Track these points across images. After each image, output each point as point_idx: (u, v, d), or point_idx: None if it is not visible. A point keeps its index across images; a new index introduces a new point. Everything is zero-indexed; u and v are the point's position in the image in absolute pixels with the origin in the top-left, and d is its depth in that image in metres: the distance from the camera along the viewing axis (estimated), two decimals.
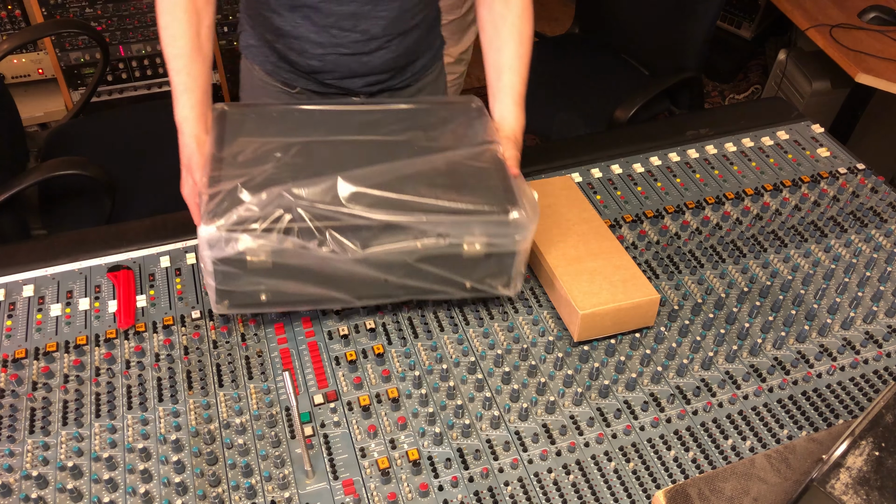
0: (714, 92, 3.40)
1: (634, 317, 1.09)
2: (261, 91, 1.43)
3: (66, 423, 0.99)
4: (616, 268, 1.12)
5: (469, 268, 1.04)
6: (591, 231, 1.18)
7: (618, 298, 1.07)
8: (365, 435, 0.99)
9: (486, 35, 1.23)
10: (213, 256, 0.95)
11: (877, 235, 1.29)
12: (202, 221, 0.95)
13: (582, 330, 1.07)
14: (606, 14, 2.56)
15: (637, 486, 0.94)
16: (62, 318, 1.13)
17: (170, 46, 1.08)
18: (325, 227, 0.96)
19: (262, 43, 1.37)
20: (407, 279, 1.03)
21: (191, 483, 0.93)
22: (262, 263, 0.96)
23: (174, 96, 1.07)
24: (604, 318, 1.07)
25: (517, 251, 1.05)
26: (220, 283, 0.97)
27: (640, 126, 2.05)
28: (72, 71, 2.66)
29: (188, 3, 1.09)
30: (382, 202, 0.98)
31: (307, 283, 1.00)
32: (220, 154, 1.04)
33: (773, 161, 1.45)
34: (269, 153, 1.04)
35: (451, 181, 1.04)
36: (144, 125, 2.13)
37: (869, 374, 1.07)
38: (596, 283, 1.09)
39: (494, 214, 1.01)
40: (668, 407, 1.03)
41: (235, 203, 0.95)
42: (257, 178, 0.99)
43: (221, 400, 1.02)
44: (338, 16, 1.23)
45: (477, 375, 1.05)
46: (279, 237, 0.95)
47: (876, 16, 2.32)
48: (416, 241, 0.99)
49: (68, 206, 1.83)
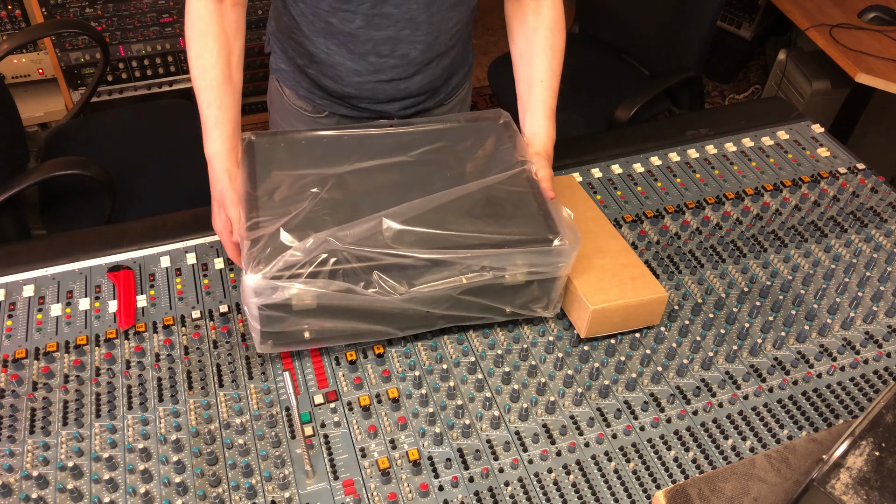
0: (714, 92, 3.40)
1: (642, 314, 1.09)
2: (291, 116, 1.41)
3: (66, 423, 0.99)
4: (624, 265, 1.12)
5: (511, 295, 1.04)
6: (598, 229, 1.18)
7: (627, 295, 1.07)
8: (365, 435, 0.99)
9: (518, 48, 1.22)
10: (259, 303, 0.94)
11: (877, 235, 1.29)
12: (246, 269, 0.93)
13: (591, 325, 1.07)
14: (606, 14, 2.56)
15: (637, 486, 0.94)
16: (62, 318, 1.13)
17: (200, 78, 1.04)
18: (370, 268, 0.96)
19: (293, 68, 1.34)
20: (450, 310, 1.03)
21: (191, 483, 0.93)
22: (307, 305, 0.95)
23: (204, 129, 1.04)
24: (612, 314, 1.07)
25: (559, 276, 1.05)
26: (264, 325, 0.96)
27: (640, 126, 2.05)
28: (72, 71, 2.65)
29: (219, 32, 1.05)
30: (425, 239, 0.98)
31: (351, 321, 1.00)
32: (255, 192, 1.02)
33: (773, 161, 1.45)
34: (304, 188, 1.03)
35: (491, 211, 1.04)
36: (144, 125, 2.13)
37: (869, 374, 1.07)
38: (605, 280, 1.09)
39: (538, 244, 1.01)
40: (668, 407, 1.03)
41: (279, 249, 0.94)
42: (297, 218, 0.98)
43: (222, 400, 1.02)
44: (375, 41, 1.21)
45: (477, 375, 1.05)
46: (325, 281, 0.94)
47: (876, 16, 2.32)
48: (460, 275, 0.99)
49: (68, 206, 1.83)
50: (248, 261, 0.94)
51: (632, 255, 1.14)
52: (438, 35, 1.24)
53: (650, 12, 2.36)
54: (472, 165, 1.12)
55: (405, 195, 1.02)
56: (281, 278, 0.92)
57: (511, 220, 1.03)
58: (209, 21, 1.05)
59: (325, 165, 1.08)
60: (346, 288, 0.94)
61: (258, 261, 0.93)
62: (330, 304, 0.96)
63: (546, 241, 1.01)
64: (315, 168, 1.07)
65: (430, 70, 1.30)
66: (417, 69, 1.28)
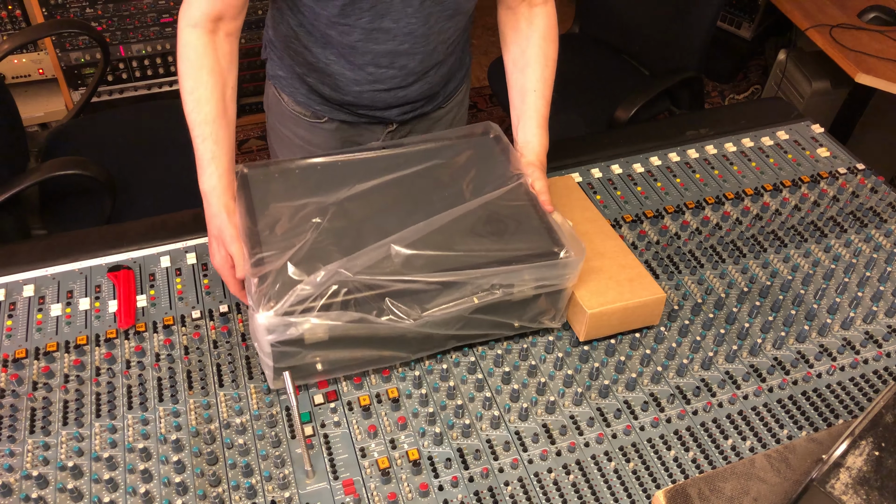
0: (714, 92, 3.40)
1: (641, 316, 1.10)
2: (290, 121, 1.41)
3: (66, 423, 0.99)
4: (622, 267, 1.12)
5: (520, 309, 1.05)
6: (595, 230, 1.18)
7: (624, 297, 1.07)
8: (365, 435, 0.99)
9: (511, 55, 1.22)
10: (271, 340, 0.93)
11: (877, 235, 1.29)
12: (257, 307, 0.92)
13: (589, 329, 1.07)
14: (606, 14, 2.56)
15: (637, 486, 0.94)
16: (62, 318, 1.13)
17: (194, 112, 1.02)
18: (381, 296, 0.96)
19: (291, 75, 1.34)
20: (461, 330, 1.03)
21: (191, 483, 0.93)
22: (320, 338, 0.95)
23: (199, 164, 1.03)
24: (611, 317, 1.07)
25: (565, 287, 1.05)
26: (277, 361, 0.96)
27: (640, 126, 2.05)
28: (72, 71, 2.66)
29: (214, 65, 1.03)
30: (434, 262, 0.98)
31: (363, 349, 1.00)
32: (256, 227, 1.02)
33: (773, 161, 1.45)
34: (305, 219, 1.03)
35: (494, 228, 1.05)
36: (144, 125, 2.13)
37: (869, 374, 1.07)
38: (602, 283, 1.09)
39: (544, 258, 1.01)
40: (668, 407, 1.03)
41: (288, 284, 0.94)
42: (302, 250, 0.98)
43: (222, 400, 1.02)
44: (374, 54, 1.21)
45: (477, 375, 1.06)
46: (338, 313, 0.93)
47: (876, 16, 2.32)
48: (471, 295, 0.99)
49: (68, 206, 1.83)
50: (259, 298, 0.93)
51: (629, 256, 1.14)
52: (437, 45, 1.24)
53: (650, 12, 2.36)
54: (469, 182, 1.12)
55: (406, 217, 1.03)
56: (293, 313, 0.92)
57: (515, 236, 1.04)
58: (203, 53, 1.03)
59: (323, 193, 1.08)
60: (359, 318, 0.94)
61: (269, 298, 0.92)
62: (343, 334, 0.96)
63: (552, 255, 1.02)
64: (312, 197, 1.07)
65: (429, 78, 1.31)
66: (416, 78, 1.29)
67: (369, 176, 1.11)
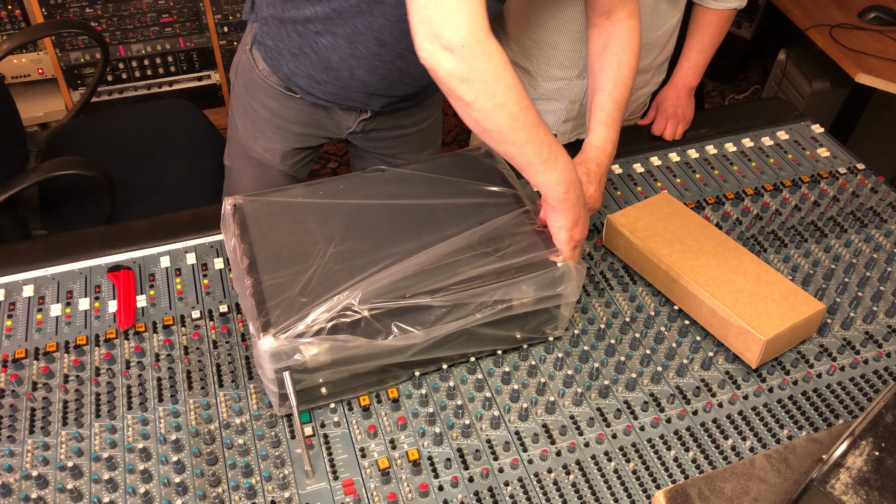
0: (714, 92, 3.40)
1: (804, 330, 1.08)
2: (260, 91, 1.36)
3: (66, 423, 0.99)
4: (770, 283, 1.08)
5: (521, 321, 1.05)
6: (721, 248, 1.14)
7: (789, 317, 1.04)
8: (365, 435, 0.99)
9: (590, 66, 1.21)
10: (276, 367, 0.93)
11: (877, 235, 1.29)
12: (260, 333, 0.92)
13: (764, 356, 1.04)
14: None
15: (637, 486, 0.94)
16: (62, 318, 1.13)
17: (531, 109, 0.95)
18: (388, 320, 0.96)
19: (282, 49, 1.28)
20: (464, 345, 1.03)
21: (191, 483, 0.93)
22: (323, 363, 0.95)
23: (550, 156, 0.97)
24: (782, 338, 1.04)
25: (569, 297, 1.05)
26: (281, 387, 0.95)
27: (640, 126, 2.05)
28: (72, 71, 2.66)
29: None
30: (438, 284, 0.98)
31: (368, 369, 1.00)
32: (259, 257, 1.02)
33: (773, 161, 1.45)
34: (307, 246, 1.03)
35: (493, 245, 1.04)
36: (144, 125, 2.12)
37: (869, 374, 1.07)
38: (760, 304, 1.05)
39: (543, 269, 1.01)
40: (668, 407, 1.03)
41: (291, 310, 0.94)
42: (312, 279, 0.98)
43: (221, 400, 1.02)
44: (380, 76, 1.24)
45: (477, 375, 1.05)
46: (346, 337, 0.93)
47: (876, 16, 2.32)
48: (475, 312, 0.99)
49: (68, 206, 1.83)
50: (262, 325, 0.92)
51: (770, 270, 1.10)
52: None
53: None
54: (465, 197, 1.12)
55: (406, 240, 1.03)
56: (298, 339, 0.92)
57: (510, 249, 1.04)
58: None
59: (321, 219, 1.07)
60: (366, 342, 0.94)
61: (277, 325, 0.92)
62: (346, 356, 0.96)
63: (550, 264, 1.02)
64: (311, 223, 1.07)
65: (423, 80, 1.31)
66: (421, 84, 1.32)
67: (366, 198, 1.12)
